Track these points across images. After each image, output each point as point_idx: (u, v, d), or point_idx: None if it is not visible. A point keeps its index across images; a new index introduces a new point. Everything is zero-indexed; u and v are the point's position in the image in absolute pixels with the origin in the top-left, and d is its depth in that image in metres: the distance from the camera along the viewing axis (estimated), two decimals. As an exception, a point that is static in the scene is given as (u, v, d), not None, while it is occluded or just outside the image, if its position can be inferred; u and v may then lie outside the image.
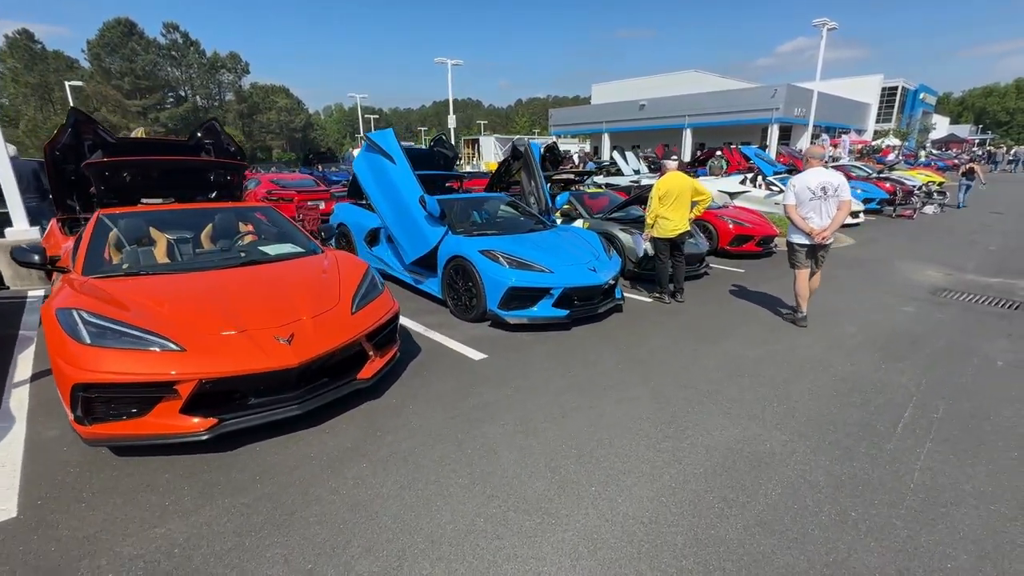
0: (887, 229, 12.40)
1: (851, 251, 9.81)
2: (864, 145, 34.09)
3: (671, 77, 47.30)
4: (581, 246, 5.73)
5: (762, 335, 5.07)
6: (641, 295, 6.53)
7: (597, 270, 5.28)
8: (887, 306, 6.17)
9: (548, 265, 5.11)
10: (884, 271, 8.09)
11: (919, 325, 5.43)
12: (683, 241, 6.14)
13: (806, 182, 5.09)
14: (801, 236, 5.22)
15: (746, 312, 5.88)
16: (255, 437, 3.07)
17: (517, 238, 5.73)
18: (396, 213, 5.73)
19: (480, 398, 3.67)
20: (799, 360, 4.41)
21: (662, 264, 6.18)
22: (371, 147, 5.68)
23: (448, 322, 5.38)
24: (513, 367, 4.24)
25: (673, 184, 5.90)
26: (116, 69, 55.22)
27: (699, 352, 4.61)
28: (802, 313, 5.41)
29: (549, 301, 5.02)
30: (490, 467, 2.84)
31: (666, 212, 5.94)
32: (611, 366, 4.28)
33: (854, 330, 5.25)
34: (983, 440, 3.15)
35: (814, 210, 5.09)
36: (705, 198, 6.09)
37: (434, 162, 7.80)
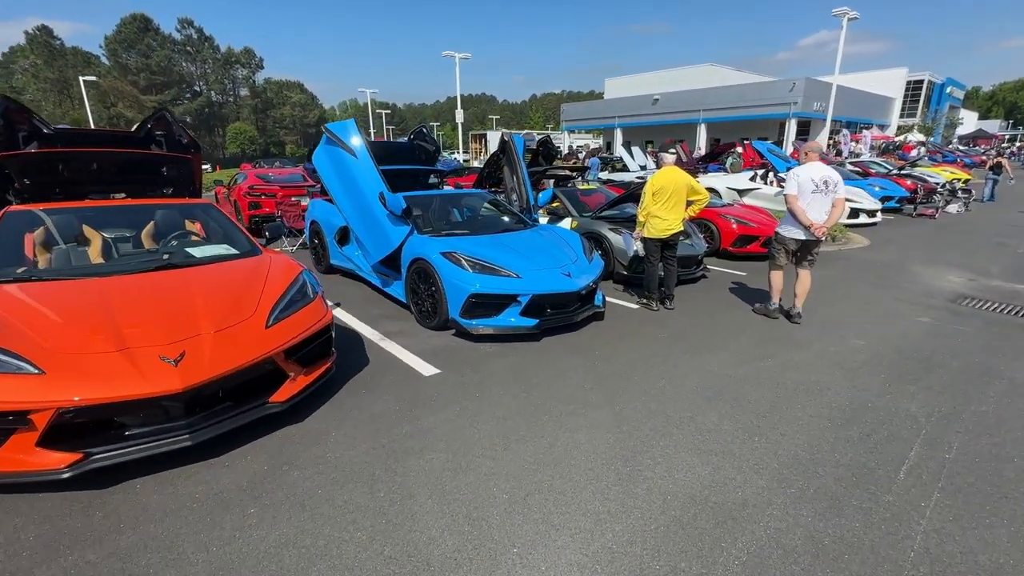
0: (906, 229, 11.65)
1: (865, 253, 9.15)
2: (886, 141, 32.82)
3: (685, 71, 46.23)
4: (558, 248, 5.23)
5: (754, 349, 4.54)
6: (628, 301, 6.01)
7: (572, 275, 4.78)
8: (900, 316, 5.57)
9: (516, 269, 4.62)
10: (899, 276, 7.45)
11: (935, 339, 4.84)
12: (675, 242, 5.60)
13: (809, 174, 4.96)
14: (796, 230, 5.04)
15: (740, 322, 5.33)
16: (140, 471, 2.66)
17: (487, 239, 5.25)
18: (358, 211, 5.29)
19: (417, 424, 3.21)
20: (792, 381, 3.87)
21: (651, 267, 5.66)
22: (331, 139, 5.24)
23: (409, 330, 4.93)
24: (466, 385, 3.78)
25: (668, 180, 5.36)
26: (132, 65, 55.78)
27: (679, 369, 4.09)
28: (775, 306, 5.39)
29: (516, 309, 4.54)
30: (400, 517, 2.38)
31: (659, 210, 5.41)
32: (576, 384, 3.79)
33: (860, 344, 4.68)
34: (1005, 491, 2.60)
35: (814, 203, 4.95)
36: (702, 198, 5.54)
37: (414, 156, 7.34)
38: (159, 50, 56.72)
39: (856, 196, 11.90)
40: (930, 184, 14.59)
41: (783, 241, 5.22)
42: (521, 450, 2.93)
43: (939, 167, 19.52)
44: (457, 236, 5.28)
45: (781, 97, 35.34)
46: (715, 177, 14.50)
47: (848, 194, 11.91)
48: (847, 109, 39.17)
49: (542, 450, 2.93)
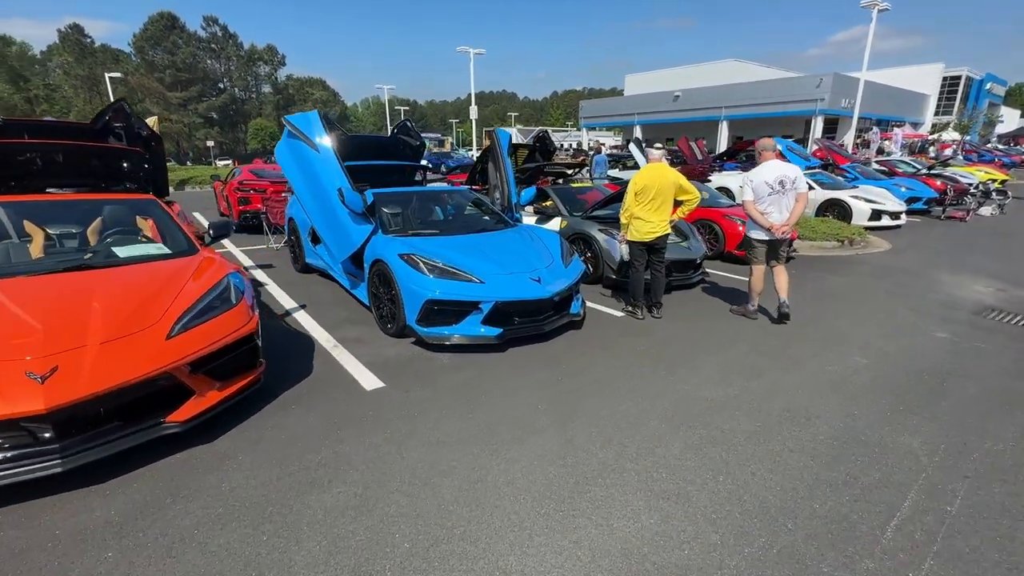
0: (933, 233, 10.90)
1: (884, 258, 8.51)
2: (918, 139, 31.40)
3: (708, 67, 45.13)
4: (533, 251, 4.83)
5: (742, 366, 4.07)
6: (614, 308, 5.57)
7: (543, 280, 4.37)
8: (914, 330, 5.02)
9: (480, 274, 4.24)
10: (920, 284, 6.84)
11: (951, 358, 4.30)
12: (662, 247, 5.15)
13: (763, 176, 4.91)
14: (760, 232, 5.05)
15: (732, 333, 4.85)
16: (11, 499, 2.36)
17: (456, 240, 4.88)
18: (321, 208, 4.97)
19: (336, 448, 2.86)
20: (777, 407, 3.41)
21: (636, 272, 5.21)
22: (292, 133, 4.92)
23: (368, 337, 4.59)
24: (408, 402, 3.42)
25: (652, 179, 4.92)
26: (159, 62, 56.91)
27: (652, 388, 3.66)
28: (753, 306, 5.31)
29: (478, 318, 4.15)
30: (274, 569, 2.03)
31: (642, 211, 4.97)
32: (530, 404, 3.39)
33: (863, 363, 4.18)
34: (1016, 559, 2.13)
35: (773, 204, 4.94)
36: (691, 198, 5.07)
37: (397, 151, 7.00)
38: (184, 47, 57.73)
39: (878, 196, 11.18)
40: (962, 185, 13.70)
41: (751, 243, 5.16)
42: (443, 485, 2.55)
43: (974, 167, 18.44)
44: (424, 236, 4.92)
45: (807, 93, 34.16)
46: (728, 176, 13.86)
47: (870, 195, 11.24)
48: (878, 106, 37.71)
49: (467, 486, 2.55)
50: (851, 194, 11.12)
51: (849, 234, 9.38)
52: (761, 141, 5.11)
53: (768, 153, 5.03)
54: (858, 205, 10.87)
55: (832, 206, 11.19)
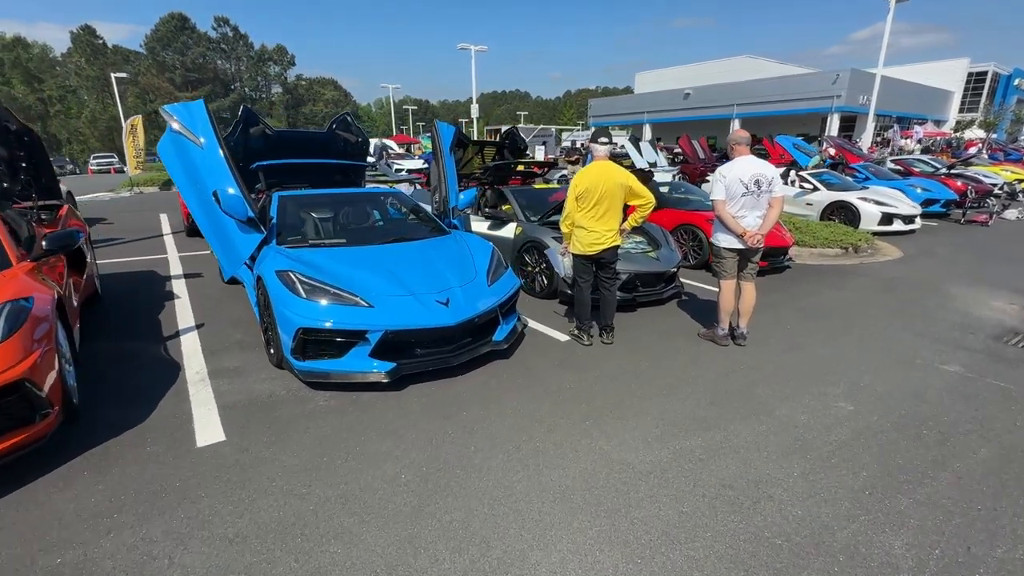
0: (951, 238, 9.86)
1: (893, 268, 7.55)
2: (938, 137, 29.89)
3: (720, 64, 43.87)
4: (452, 264, 4.04)
5: (688, 416, 3.24)
6: (561, 329, 4.76)
7: (452, 302, 3.59)
8: (919, 361, 4.14)
9: (371, 295, 3.47)
10: (931, 300, 5.91)
11: (961, 403, 3.43)
12: (611, 260, 4.33)
13: (737, 173, 4.13)
14: (730, 238, 4.27)
15: (691, 367, 4.02)
16: None
17: (359, 252, 4.12)
18: (206, 214, 4.23)
19: (92, 548, 2.11)
20: (718, 480, 2.59)
21: (579, 290, 4.41)
22: (175, 127, 4.20)
23: (250, 367, 3.84)
24: (239, 466, 2.66)
25: (595, 180, 4.09)
26: (169, 62, 57.23)
27: (562, 449, 2.86)
28: (724, 331, 4.50)
29: (365, 349, 3.38)
30: None
31: (584, 219, 4.17)
32: (392, 476, 2.60)
33: (846, 411, 3.33)
34: None
35: (746, 207, 4.16)
36: (645, 202, 4.23)
37: (335, 149, 6.27)
38: (194, 47, 57.96)
39: (890, 198, 10.18)
40: (985, 185, 12.57)
41: (719, 252, 4.37)
42: (197, 618, 1.79)
43: (999, 166, 17.18)
44: (323, 248, 4.17)
45: (823, 90, 32.88)
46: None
47: (880, 196, 10.22)
48: (898, 103, 36.22)
49: (232, 620, 1.78)
50: (859, 196, 10.13)
51: (854, 240, 8.42)
52: (734, 132, 4.29)
53: (741, 147, 4.21)
54: (867, 208, 9.88)
55: (839, 209, 10.21)
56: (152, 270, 6.77)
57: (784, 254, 7.36)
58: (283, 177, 5.90)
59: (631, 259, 5.39)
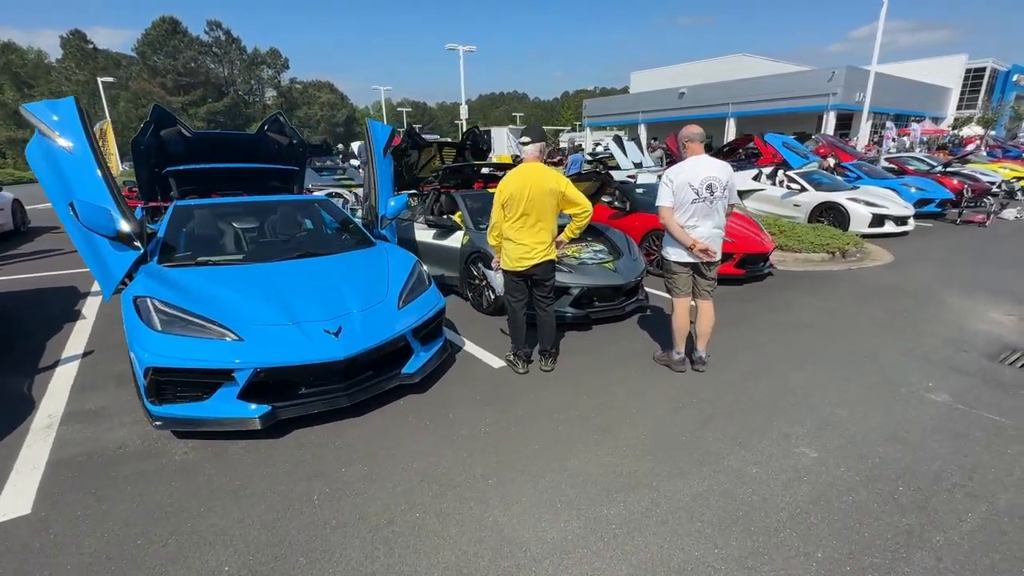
0: (946, 241, 9.29)
1: (882, 274, 6.99)
2: (938, 134, 29.28)
3: (715, 63, 43.33)
4: (359, 284, 3.48)
5: (613, 472, 2.67)
6: (498, 353, 4.20)
7: (345, 331, 3.03)
8: (902, 388, 3.58)
9: (242, 325, 2.91)
10: (921, 310, 5.35)
11: (947, 444, 2.87)
12: (546, 278, 3.76)
13: (687, 177, 3.55)
14: (680, 251, 3.71)
15: (635, 400, 3.45)
16: None
17: (250, 271, 3.56)
18: (79, 227, 3.67)
19: None
20: (631, 565, 2.02)
21: (512, 311, 3.85)
22: (43, 130, 3.65)
23: (114, 409, 3.27)
24: (25, 553, 2.10)
25: (522, 185, 3.50)
26: (160, 66, 56.81)
27: (445, 524, 2.29)
28: (679, 355, 3.91)
29: (232, 391, 2.83)
30: None
31: (513, 231, 3.61)
32: (208, 569, 2.06)
33: (809, 459, 2.76)
34: None
35: (698, 215, 3.59)
36: (581, 211, 3.66)
37: (268, 152, 5.72)
38: (186, 51, 57.53)
39: (881, 199, 9.62)
40: (982, 184, 11.99)
41: (669, 267, 3.83)
42: None
43: (997, 163, 16.59)
44: (208, 266, 3.62)
45: (819, 88, 32.30)
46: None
47: (871, 197, 9.64)
48: (895, 100, 35.65)
49: None
50: (848, 196, 9.56)
51: (841, 244, 7.86)
52: (687, 128, 3.72)
53: (695, 145, 3.65)
54: (856, 209, 9.31)
55: (827, 210, 9.64)
56: (73, 285, 6.23)
57: (764, 260, 6.80)
58: (207, 184, 5.35)
59: (585, 271, 4.84)
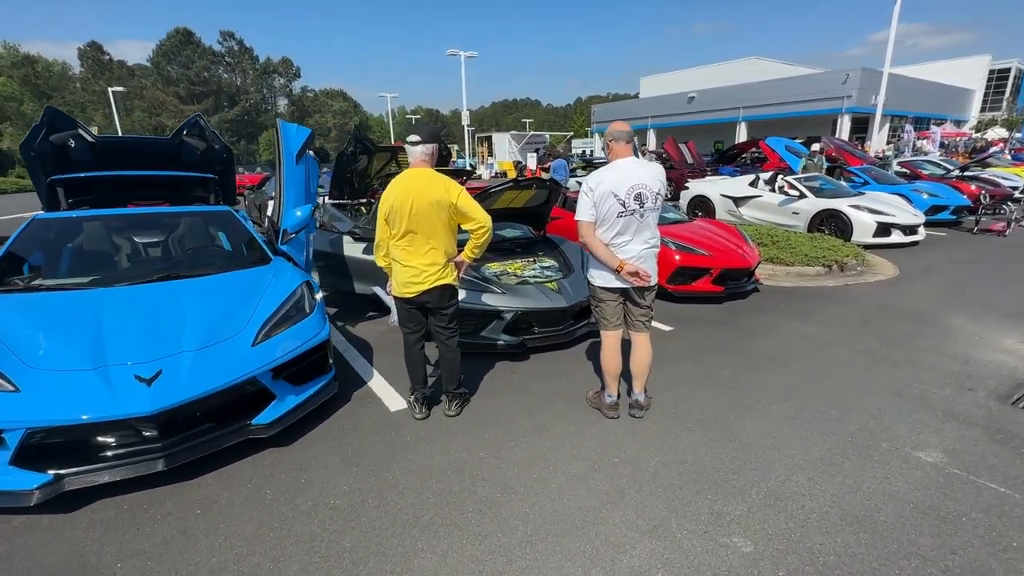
0: (960, 252, 8.43)
1: (884, 292, 6.21)
2: (958, 138, 28.01)
3: (727, 67, 42.43)
4: (210, 315, 2.89)
5: (479, 568, 2.04)
6: (404, 392, 3.57)
7: (163, 376, 2.43)
8: (887, 443, 2.88)
9: (22, 372, 2.33)
10: (925, 338, 4.61)
11: (929, 532, 2.17)
12: (443, 306, 3.13)
13: (610, 185, 2.87)
14: (606, 274, 3.03)
15: (541, 461, 2.80)
16: None
17: (76, 299, 2.97)
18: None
19: None
20: None
21: (406, 345, 3.22)
22: None
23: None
24: None
25: (403, 195, 2.86)
26: (174, 75, 57.63)
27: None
28: (611, 398, 3.24)
29: (3, 456, 2.24)
30: None
31: (398, 250, 2.99)
32: None
33: (744, 553, 2.09)
34: None
35: (627, 231, 2.93)
36: (478, 227, 3.00)
37: (189, 159, 5.19)
38: (199, 61, 58.28)
39: (887, 206, 8.80)
40: (1003, 189, 11.07)
41: (595, 294, 3.16)
42: None
43: (1021, 167, 15.54)
44: (42, 291, 3.05)
45: (832, 90, 31.28)
46: (709, 182, 11.61)
47: (876, 203, 8.82)
48: (915, 103, 34.46)
49: None
50: (851, 203, 8.75)
51: (840, 256, 7.09)
52: (613, 126, 3.06)
53: (620, 146, 2.99)
54: (859, 217, 8.51)
55: (829, 218, 8.86)
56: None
57: (749, 276, 6.09)
58: (111, 194, 4.83)
59: (520, 293, 4.20)
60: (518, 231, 5.63)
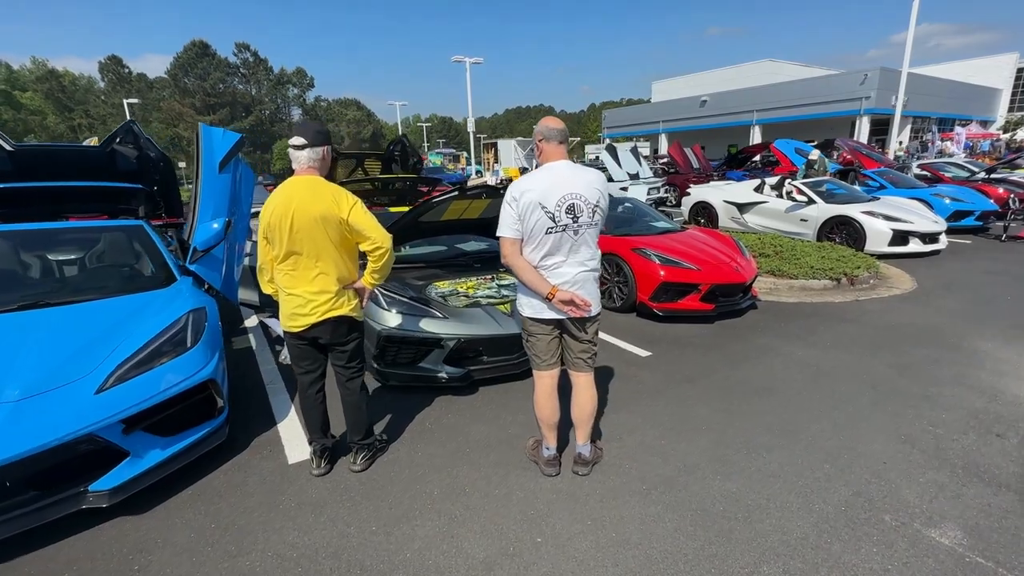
0: (986, 262, 7.66)
1: (899, 309, 5.53)
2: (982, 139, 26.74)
3: (740, 69, 41.54)
4: (54, 353, 2.41)
5: None
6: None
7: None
8: (889, 513, 2.25)
9: None
10: (944, 364, 3.95)
11: None
12: (341, 341, 2.59)
13: (537, 195, 2.30)
14: (536, 302, 2.44)
15: (447, 542, 2.24)
16: None
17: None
18: None
19: None
20: None
21: (299, 388, 2.69)
22: None
23: None
24: None
25: (282, 210, 2.33)
26: (191, 87, 58.60)
27: None
28: (549, 451, 2.68)
29: None
30: None
31: (281, 275, 2.48)
32: None
33: None
34: None
35: (559, 250, 2.36)
36: (374, 247, 2.44)
37: (120, 168, 4.77)
38: (214, 72, 59.19)
39: (904, 212, 8.08)
40: (1034, 192, 10.22)
41: (527, 328, 2.56)
42: None
43: (1054, 168, 14.53)
44: None
45: (850, 92, 30.25)
46: (712, 188, 10.95)
47: (891, 210, 8.10)
48: (938, 103, 33.20)
49: None
50: (864, 209, 8.05)
51: (850, 268, 6.42)
52: (542, 122, 2.49)
53: (552, 147, 2.42)
54: (873, 224, 7.80)
55: (840, 225, 8.16)
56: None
57: (744, 291, 5.46)
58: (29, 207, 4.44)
59: (464, 317, 3.65)
60: (483, 243, 5.10)
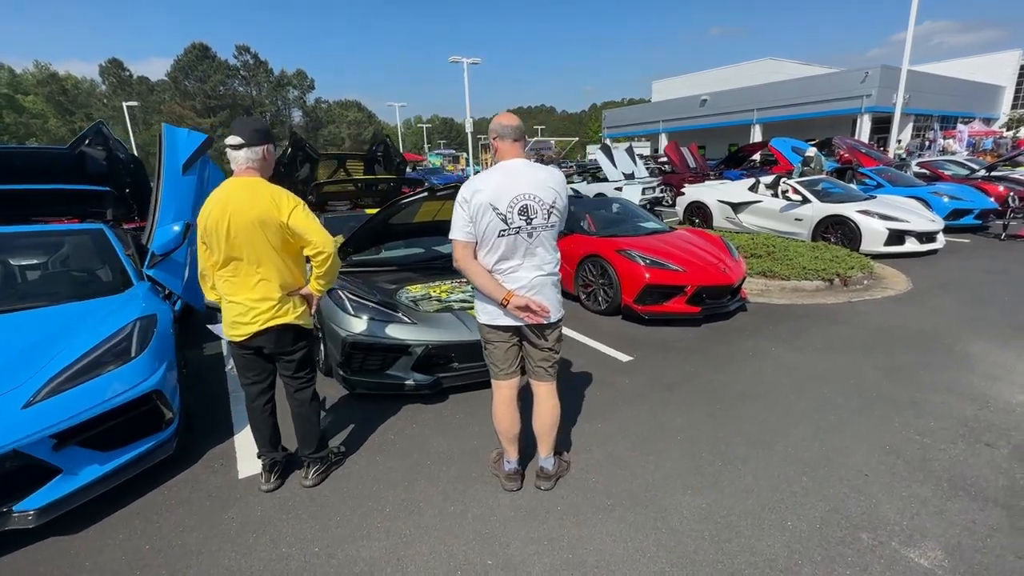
0: (984, 262, 7.49)
1: (892, 310, 5.37)
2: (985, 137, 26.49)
3: (740, 68, 41.33)
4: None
5: None
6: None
7: None
8: (866, 530, 2.11)
9: None
10: (936, 369, 3.80)
11: None
12: (287, 351, 2.46)
13: (488, 196, 2.17)
14: (492, 308, 2.31)
15: (393, 564, 2.11)
16: None
17: None
18: None
19: None
20: None
21: (247, 400, 2.56)
22: None
23: None
24: None
25: (218, 213, 2.21)
26: (192, 90, 58.70)
27: None
28: (511, 464, 2.54)
29: None
30: None
31: (221, 281, 2.35)
32: None
33: None
34: None
35: (513, 253, 2.23)
36: (316, 252, 2.31)
37: (89, 170, 4.67)
38: (215, 75, 59.26)
39: (900, 211, 7.91)
40: (1034, 190, 10.03)
41: (484, 335, 2.45)
42: None
43: (1056, 166, 14.31)
44: None
45: (851, 90, 30.03)
46: (707, 188, 10.79)
47: (887, 208, 7.93)
48: (941, 101, 32.95)
49: None
50: (860, 208, 7.89)
51: (843, 269, 6.26)
52: (497, 119, 2.34)
53: (507, 145, 2.27)
54: (869, 223, 7.64)
55: (835, 225, 8.00)
56: None
57: (733, 293, 5.32)
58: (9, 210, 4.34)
59: (433, 323, 3.53)
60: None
